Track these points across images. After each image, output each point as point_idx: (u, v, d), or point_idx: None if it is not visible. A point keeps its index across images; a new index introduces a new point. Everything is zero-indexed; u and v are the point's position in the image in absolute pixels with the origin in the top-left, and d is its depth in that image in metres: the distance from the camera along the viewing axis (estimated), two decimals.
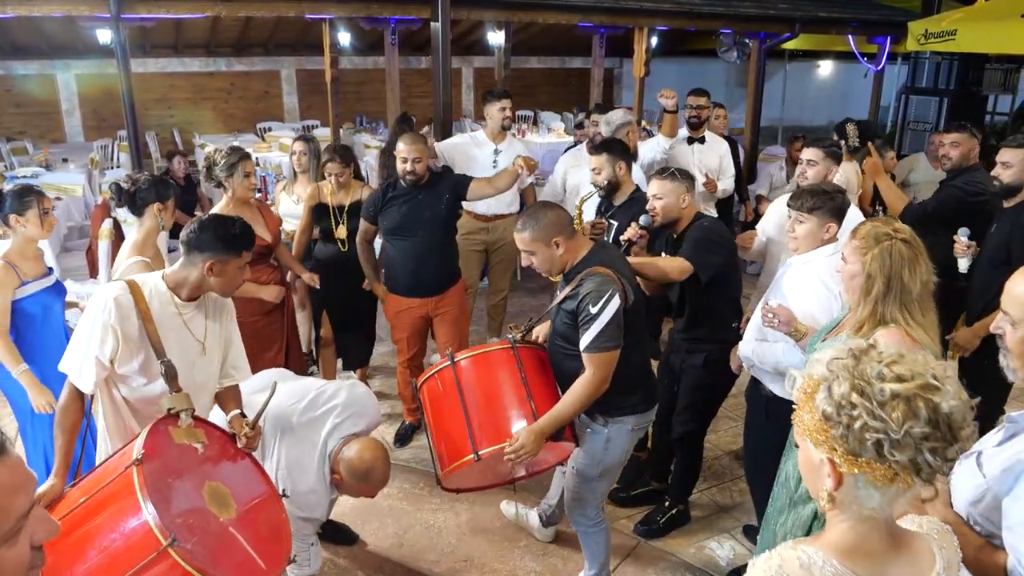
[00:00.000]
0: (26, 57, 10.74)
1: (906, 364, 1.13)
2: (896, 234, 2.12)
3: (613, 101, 14.66)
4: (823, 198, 2.75)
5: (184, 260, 2.31)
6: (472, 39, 12.30)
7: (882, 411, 1.10)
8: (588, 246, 2.67)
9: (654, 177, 3.24)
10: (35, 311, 3.01)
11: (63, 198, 6.80)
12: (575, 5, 8.03)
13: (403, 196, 3.86)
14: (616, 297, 2.49)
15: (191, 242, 2.28)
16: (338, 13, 7.58)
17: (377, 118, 11.63)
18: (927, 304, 2.13)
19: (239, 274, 2.35)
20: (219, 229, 2.28)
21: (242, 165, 3.58)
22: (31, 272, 3.03)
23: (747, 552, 3.41)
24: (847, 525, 1.18)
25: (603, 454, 2.76)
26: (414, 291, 3.95)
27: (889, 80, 11.74)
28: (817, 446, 1.16)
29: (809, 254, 2.80)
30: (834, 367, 1.16)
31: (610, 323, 2.48)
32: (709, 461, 4.08)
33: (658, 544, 3.45)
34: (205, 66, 11.97)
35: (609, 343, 2.51)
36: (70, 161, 8.63)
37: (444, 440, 2.65)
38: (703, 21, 8.99)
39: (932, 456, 1.10)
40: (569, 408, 2.56)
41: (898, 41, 9.80)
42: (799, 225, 2.80)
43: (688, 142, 5.22)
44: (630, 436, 2.79)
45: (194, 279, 2.30)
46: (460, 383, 2.65)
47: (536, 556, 3.36)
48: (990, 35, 6.93)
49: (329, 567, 3.27)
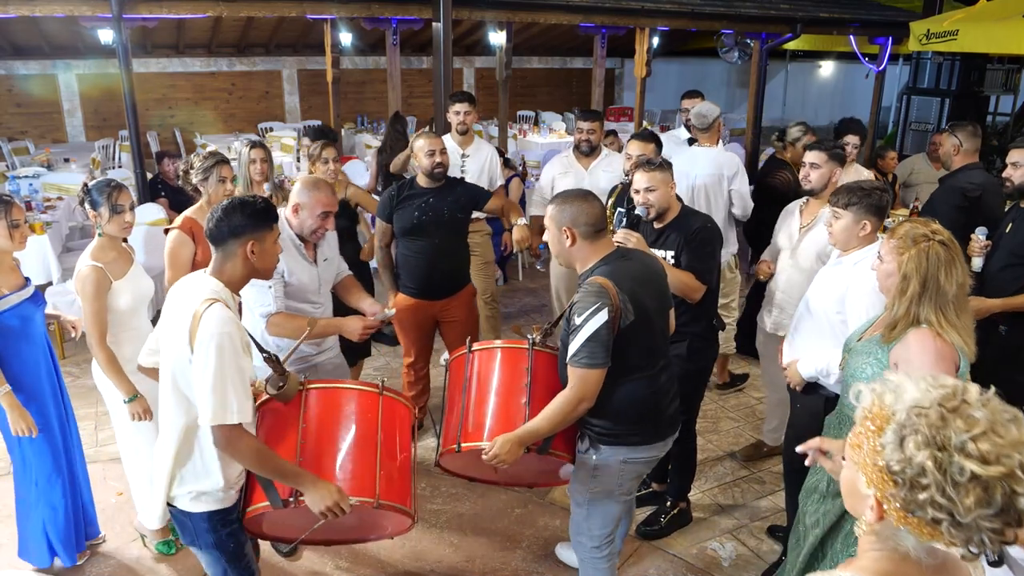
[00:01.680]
0: (27, 57, 10.75)
1: (995, 441, 0.99)
2: (934, 235, 2.13)
3: (614, 101, 14.66)
4: (860, 194, 2.78)
5: (219, 255, 2.20)
6: (473, 39, 12.31)
7: (954, 491, 0.99)
8: (604, 252, 2.46)
9: (640, 170, 3.15)
10: (13, 323, 2.89)
11: (64, 198, 6.81)
12: (576, 5, 8.04)
13: (419, 196, 3.85)
14: (603, 312, 2.28)
15: (221, 232, 2.17)
16: (340, 13, 7.59)
17: (378, 118, 11.64)
18: (962, 305, 2.14)
19: (276, 249, 2.30)
20: (246, 208, 2.19)
21: (217, 170, 3.50)
22: (7, 285, 2.89)
23: (749, 552, 3.40)
24: (882, 554, 1.13)
25: (590, 481, 2.56)
26: (424, 292, 3.93)
27: (890, 80, 11.74)
28: (869, 485, 1.07)
29: (857, 253, 2.81)
30: (914, 418, 1.03)
31: (591, 339, 2.28)
32: (710, 462, 4.08)
33: (659, 545, 3.44)
34: (206, 66, 11.98)
35: (587, 360, 2.31)
36: (71, 161, 8.65)
37: (446, 421, 2.70)
38: (704, 21, 9.00)
39: (990, 537, 1.00)
40: (544, 422, 2.36)
41: (899, 41, 9.80)
42: (836, 220, 2.84)
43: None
44: (622, 469, 2.53)
45: (239, 270, 2.21)
46: (469, 373, 2.65)
47: (537, 557, 3.36)
48: (992, 35, 6.93)
49: (331, 568, 3.27)
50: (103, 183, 3.02)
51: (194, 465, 2.20)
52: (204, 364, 2.03)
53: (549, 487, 2.97)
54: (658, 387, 2.53)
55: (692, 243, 3.10)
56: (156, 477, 2.28)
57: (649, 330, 2.45)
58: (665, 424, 2.58)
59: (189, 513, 2.24)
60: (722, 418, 4.61)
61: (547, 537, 3.47)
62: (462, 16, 7.63)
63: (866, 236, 2.80)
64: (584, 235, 2.43)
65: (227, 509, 2.26)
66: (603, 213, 2.48)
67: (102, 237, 2.98)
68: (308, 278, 3.06)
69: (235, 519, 2.29)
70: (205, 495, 2.22)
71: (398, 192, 3.90)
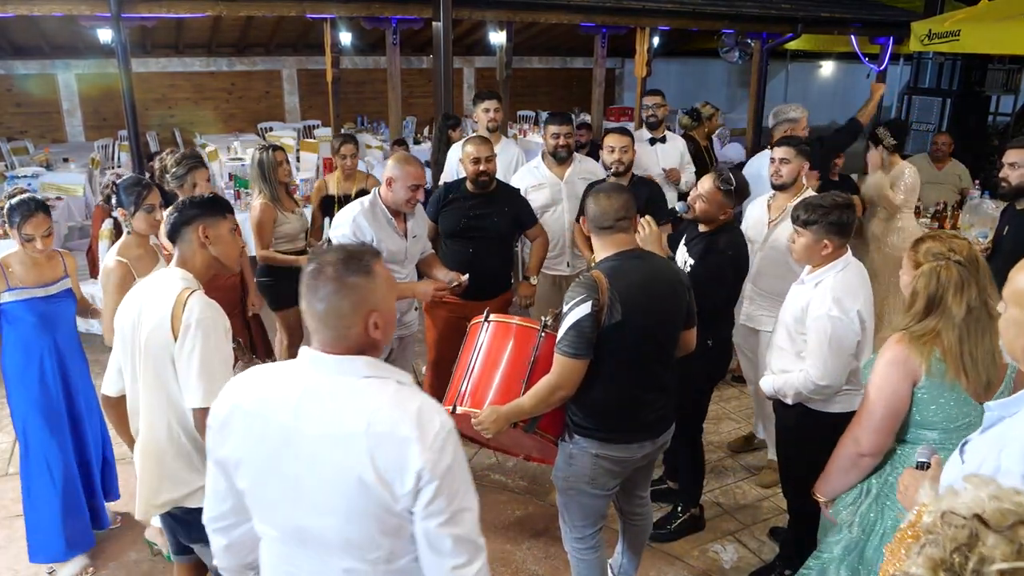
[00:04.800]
0: (27, 57, 10.72)
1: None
2: (951, 255, 2.10)
3: (615, 101, 14.64)
4: (819, 212, 2.65)
5: (178, 247, 2.26)
6: (474, 39, 12.29)
7: None
8: (616, 249, 2.45)
9: (711, 178, 3.12)
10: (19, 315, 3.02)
11: (63, 198, 6.79)
12: (577, 5, 8.02)
13: (466, 200, 3.82)
14: (585, 304, 2.30)
15: (174, 226, 2.24)
16: (339, 13, 7.57)
17: (378, 118, 11.62)
18: (977, 327, 2.07)
19: (233, 239, 2.33)
20: (195, 200, 2.30)
21: (191, 177, 3.48)
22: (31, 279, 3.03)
23: (751, 555, 3.39)
24: None
25: (566, 468, 2.61)
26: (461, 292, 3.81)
27: (891, 80, 11.72)
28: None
29: (818, 273, 2.73)
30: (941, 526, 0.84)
31: (571, 328, 2.32)
32: (712, 463, 4.06)
33: (661, 547, 3.42)
34: (206, 66, 11.95)
35: (567, 349, 2.34)
36: (71, 161, 8.63)
37: (453, 378, 2.80)
38: (705, 21, 8.98)
39: None
40: (528, 400, 2.44)
41: (901, 41, 9.77)
42: (798, 238, 2.75)
43: (650, 143, 5.27)
44: (595, 463, 2.53)
45: (198, 257, 2.25)
46: (481, 340, 2.75)
47: (538, 559, 3.34)
48: (993, 35, 6.90)
49: None
50: (132, 181, 3.07)
51: (191, 459, 2.20)
52: (191, 348, 2.06)
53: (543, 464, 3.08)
54: (638, 396, 2.50)
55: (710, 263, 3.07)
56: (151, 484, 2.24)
57: (635, 336, 2.39)
58: (641, 430, 2.54)
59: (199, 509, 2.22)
60: (723, 419, 4.59)
61: (547, 538, 3.46)
62: (462, 16, 7.60)
63: (828, 255, 2.69)
64: (600, 231, 2.46)
65: None
66: (617, 209, 2.43)
67: (130, 235, 3.01)
68: (396, 247, 3.42)
69: None
70: None
71: (445, 193, 3.89)
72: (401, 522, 1.45)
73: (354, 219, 3.32)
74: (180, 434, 2.19)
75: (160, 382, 2.15)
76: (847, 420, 2.84)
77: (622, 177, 4.06)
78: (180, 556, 2.47)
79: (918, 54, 10.05)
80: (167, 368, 2.12)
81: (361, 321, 1.48)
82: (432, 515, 1.43)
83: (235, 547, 1.70)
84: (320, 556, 1.51)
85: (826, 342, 2.62)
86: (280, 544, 1.56)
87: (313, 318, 1.49)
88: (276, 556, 1.59)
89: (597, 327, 2.33)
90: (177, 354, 2.08)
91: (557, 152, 4.27)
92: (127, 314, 2.22)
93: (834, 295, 2.63)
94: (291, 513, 1.50)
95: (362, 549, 1.47)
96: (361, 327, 1.48)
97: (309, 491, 1.46)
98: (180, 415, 2.17)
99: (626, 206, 2.45)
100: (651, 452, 2.62)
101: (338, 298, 1.46)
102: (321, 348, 1.50)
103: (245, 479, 1.54)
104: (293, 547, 1.54)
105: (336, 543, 1.48)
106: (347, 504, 1.44)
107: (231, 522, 1.66)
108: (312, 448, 1.44)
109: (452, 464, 1.44)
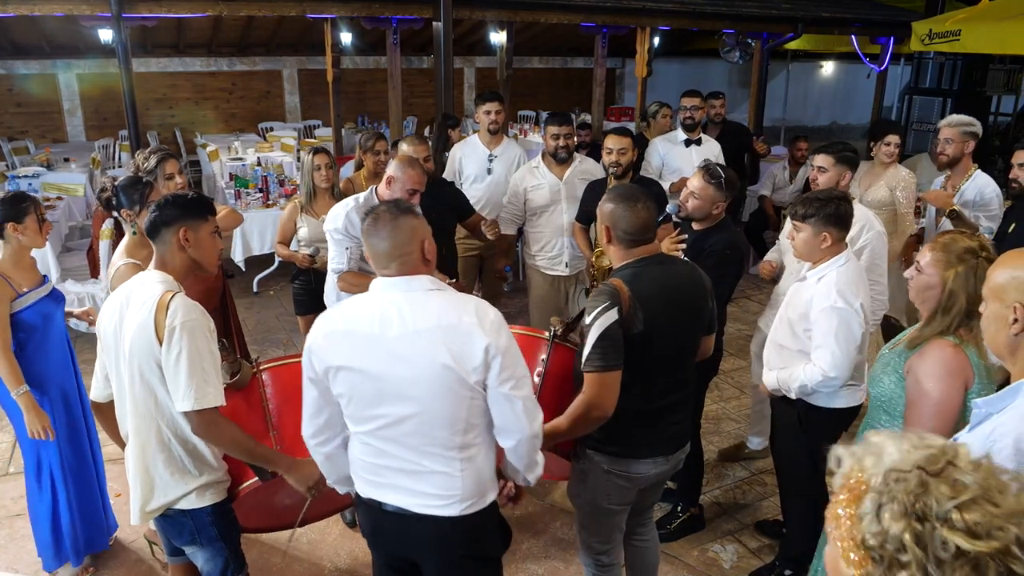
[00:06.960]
0: (27, 57, 10.72)
1: (988, 511, 0.84)
2: (982, 252, 2.08)
3: (615, 101, 14.64)
4: (816, 205, 2.66)
5: (157, 248, 2.21)
6: (474, 39, 12.28)
7: (938, 570, 0.84)
8: (635, 257, 2.33)
9: (700, 174, 3.12)
10: (36, 321, 2.91)
11: (64, 198, 6.80)
12: (578, 5, 8.02)
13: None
14: (611, 312, 2.17)
15: (154, 225, 2.18)
16: (340, 13, 7.57)
17: (379, 118, 11.62)
18: None
19: (213, 242, 2.29)
20: (177, 200, 2.24)
21: (162, 168, 3.45)
22: (27, 282, 2.92)
23: (751, 555, 3.39)
24: None
25: (579, 486, 2.51)
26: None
27: (892, 80, 11.72)
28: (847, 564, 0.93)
29: (819, 269, 2.73)
30: (892, 484, 0.89)
31: (600, 339, 2.16)
32: (712, 463, 4.06)
33: (661, 547, 3.41)
34: (207, 66, 11.95)
35: (599, 362, 2.17)
36: (71, 161, 8.63)
37: None
38: (706, 21, 8.98)
39: None
40: (564, 423, 2.25)
41: (901, 41, 9.77)
42: (797, 233, 2.75)
43: (686, 144, 5.23)
44: (607, 479, 2.41)
45: (176, 259, 2.21)
46: None
47: (538, 559, 3.34)
48: (994, 35, 6.90)
49: (331, 570, 3.26)
50: (131, 181, 3.03)
51: (183, 462, 2.19)
52: (178, 351, 2.04)
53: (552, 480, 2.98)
54: (659, 405, 2.39)
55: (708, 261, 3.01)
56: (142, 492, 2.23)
57: (657, 346, 2.29)
58: (657, 444, 2.43)
59: (192, 511, 2.23)
60: (724, 419, 4.59)
61: (547, 538, 3.46)
62: (463, 16, 7.61)
63: (828, 248, 2.68)
64: (618, 236, 2.32)
65: (227, 498, 2.30)
66: (648, 223, 2.32)
67: (135, 235, 2.97)
68: None
69: (231, 507, 2.33)
70: (211, 487, 2.24)
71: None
72: (474, 396, 1.85)
73: (347, 214, 3.34)
74: (171, 439, 2.17)
75: (147, 388, 2.12)
76: (849, 415, 2.87)
77: (622, 180, 4.05)
78: (173, 558, 2.47)
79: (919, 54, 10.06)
80: (153, 373, 2.09)
81: (417, 248, 1.90)
82: (504, 381, 1.84)
83: (334, 458, 2.05)
84: (405, 449, 1.88)
85: (832, 333, 2.62)
86: (371, 439, 1.92)
87: (378, 256, 1.90)
88: (366, 452, 1.95)
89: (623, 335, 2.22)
90: (164, 359, 2.05)
91: (557, 153, 4.25)
92: (108, 320, 2.18)
93: (838, 288, 2.63)
94: (381, 406, 1.86)
95: (442, 433, 1.85)
96: (418, 252, 1.90)
97: (396, 383, 1.83)
98: (170, 420, 2.14)
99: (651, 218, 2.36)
100: (664, 471, 2.50)
101: (398, 232, 1.87)
102: (389, 276, 1.89)
103: (342, 384, 1.89)
104: (382, 441, 1.90)
105: (419, 431, 1.86)
106: (428, 387, 1.81)
107: (327, 436, 2.01)
108: (395, 347, 1.81)
109: (509, 342, 1.86)
